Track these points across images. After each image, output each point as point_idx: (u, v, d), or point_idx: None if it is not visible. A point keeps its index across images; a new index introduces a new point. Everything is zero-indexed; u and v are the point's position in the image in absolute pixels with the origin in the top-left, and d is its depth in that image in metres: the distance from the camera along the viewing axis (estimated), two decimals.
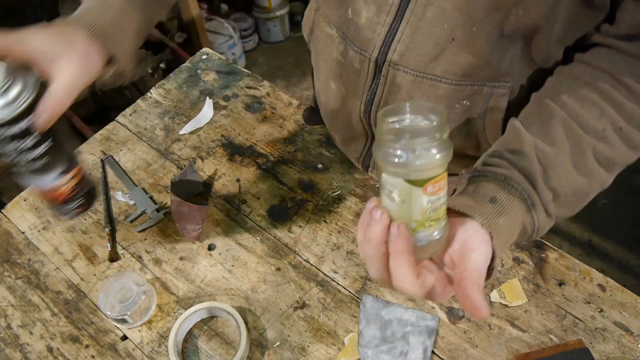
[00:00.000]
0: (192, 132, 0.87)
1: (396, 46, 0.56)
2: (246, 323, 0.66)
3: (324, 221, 0.76)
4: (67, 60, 0.49)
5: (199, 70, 0.97)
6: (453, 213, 0.42)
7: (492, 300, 0.67)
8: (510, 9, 0.48)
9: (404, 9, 0.53)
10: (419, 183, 0.36)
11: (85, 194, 0.61)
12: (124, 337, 0.67)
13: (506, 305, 0.67)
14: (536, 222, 0.46)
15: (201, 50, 1.00)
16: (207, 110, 0.90)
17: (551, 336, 0.64)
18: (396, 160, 0.35)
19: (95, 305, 0.70)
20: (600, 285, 0.68)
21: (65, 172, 0.55)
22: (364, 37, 0.58)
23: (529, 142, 0.48)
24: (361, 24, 0.57)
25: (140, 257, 0.74)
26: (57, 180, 0.55)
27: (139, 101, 0.93)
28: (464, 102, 0.59)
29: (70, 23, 0.52)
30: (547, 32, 0.51)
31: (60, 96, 0.48)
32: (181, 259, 0.73)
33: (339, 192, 0.79)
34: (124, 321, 0.65)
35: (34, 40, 0.47)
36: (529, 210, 0.45)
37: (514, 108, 0.56)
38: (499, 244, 0.42)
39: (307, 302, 0.69)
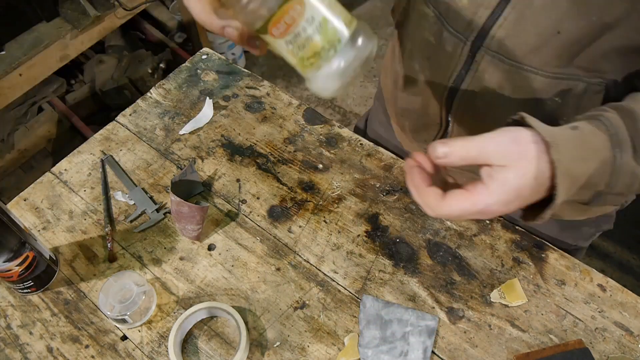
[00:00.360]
0: (192, 132, 0.87)
1: (496, 32, 0.52)
2: (246, 323, 0.66)
3: (324, 221, 0.76)
4: None
5: (199, 70, 0.97)
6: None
7: (492, 300, 0.67)
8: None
9: None
10: (262, 31, 0.33)
11: (35, 277, 0.68)
12: (124, 337, 0.67)
13: (506, 305, 0.67)
14: (618, 160, 0.42)
15: (201, 50, 1.00)
16: (207, 110, 0.90)
17: (551, 336, 0.64)
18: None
19: (95, 305, 0.70)
20: (600, 285, 0.68)
21: (10, 259, 0.63)
22: (463, 18, 0.54)
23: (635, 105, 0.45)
24: (462, 4, 0.53)
25: (140, 257, 0.74)
26: (4, 265, 0.63)
27: (138, 101, 0.93)
28: (556, 99, 0.55)
29: None
30: None
31: None
32: (181, 259, 0.73)
33: (339, 192, 0.79)
34: (124, 321, 0.65)
35: None
36: (613, 146, 0.42)
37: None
38: (563, 161, 0.37)
39: (307, 302, 0.69)
